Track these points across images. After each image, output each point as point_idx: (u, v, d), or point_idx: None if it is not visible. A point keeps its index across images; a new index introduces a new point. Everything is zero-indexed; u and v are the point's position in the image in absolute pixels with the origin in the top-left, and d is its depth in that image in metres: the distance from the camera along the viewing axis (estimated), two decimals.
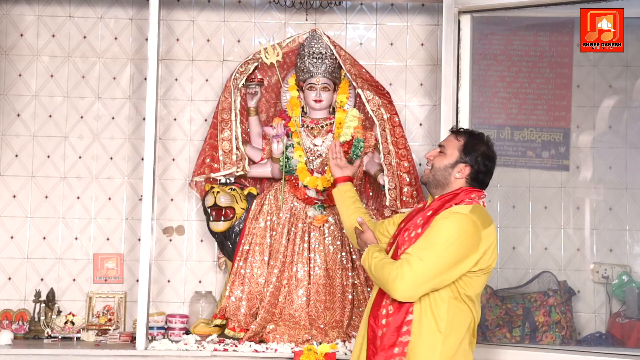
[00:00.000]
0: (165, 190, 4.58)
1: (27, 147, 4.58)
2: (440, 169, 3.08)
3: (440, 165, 3.08)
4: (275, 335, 4.06)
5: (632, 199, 4.47)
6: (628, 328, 4.15)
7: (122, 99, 4.63)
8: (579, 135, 4.57)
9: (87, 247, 4.55)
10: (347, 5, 4.67)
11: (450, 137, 3.15)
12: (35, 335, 4.25)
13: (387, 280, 2.90)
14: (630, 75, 4.53)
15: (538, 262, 4.49)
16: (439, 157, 3.10)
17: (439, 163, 3.09)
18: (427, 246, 2.88)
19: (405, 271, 2.85)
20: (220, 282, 4.53)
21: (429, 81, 4.63)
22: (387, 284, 2.90)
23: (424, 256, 2.86)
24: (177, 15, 4.67)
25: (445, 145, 3.12)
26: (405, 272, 2.85)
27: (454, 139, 3.12)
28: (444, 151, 3.10)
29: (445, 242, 2.87)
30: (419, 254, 2.88)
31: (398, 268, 2.88)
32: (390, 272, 2.89)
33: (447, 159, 3.08)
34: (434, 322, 2.91)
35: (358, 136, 4.28)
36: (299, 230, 4.22)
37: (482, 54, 4.50)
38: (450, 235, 2.88)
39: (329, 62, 4.30)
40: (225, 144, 4.35)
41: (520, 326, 4.21)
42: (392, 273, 2.88)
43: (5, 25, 4.62)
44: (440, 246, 2.87)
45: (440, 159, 3.09)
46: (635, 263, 4.41)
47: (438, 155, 3.11)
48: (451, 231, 2.89)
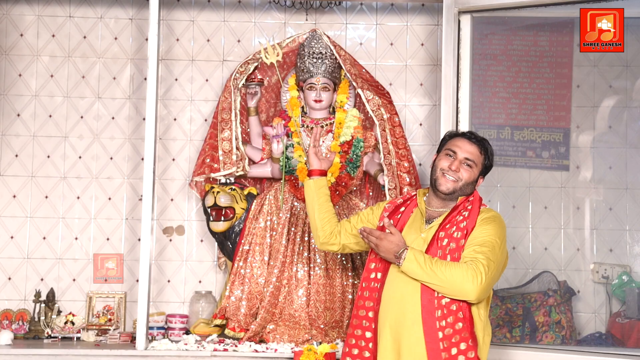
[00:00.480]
0: (165, 190, 4.58)
1: (27, 147, 4.58)
2: (469, 183, 3.13)
3: (469, 180, 3.13)
4: (275, 335, 4.06)
5: (632, 199, 4.47)
6: (628, 328, 4.15)
7: (122, 99, 4.63)
8: (579, 135, 4.57)
9: (87, 247, 4.56)
10: (347, 5, 4.67)
11: (476, 150, 3.15)
12: (35, 335, 4.25)
13: (461, 280, 2.88)
14: (630, 75, 4.54)
15: (538, 262, 4.49)
16: (466, 170, 3.13)
17: (468, 178, 3.13)
18: (492, 249, 2.96)
19: (482, 271, 2.89)
20: (220, 282, 4.53)
21: (429, 81, 4.63)
22: (462, 284, 2.89)
23: (492, 257, 2.95)
24: (177, 15, 4.67)
25: (475, 161, 3.14)
26: (482, 272, 2.89)
27: (479, 153, 3.16)
28: (472, 166, 3.13)
29: (501, 243, 3.02)
30: (487, 255, 2.94)
31: (474, 268, 2.90)
32: (465, 271, 2.89)
33: (475, 174, 3.15)
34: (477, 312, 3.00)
35: (358, 136, 4.28)
36: (299, 230, 4.22)
37: (482, 54, 4.50)
38: (502, 237, 3.04)
39: (329, 62, 4.30)
40: (225, 144, 4.35)
41: (520, 326, 4.21)
42: (469, 272, 2.89)
43: (5, 25, 4.62)
44: (500, 248, 3.00)
45: (469, 174, 3.13)
46: (635, 263, 4.42)
47: (465, 167, 3.12)
48: (501, 233, 3.04)
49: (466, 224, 3.03)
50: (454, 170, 3.11)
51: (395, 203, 3.27)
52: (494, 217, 3.07)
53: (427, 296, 2.95)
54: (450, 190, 3.11)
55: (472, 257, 2.93)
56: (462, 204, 3.10)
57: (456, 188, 3.11)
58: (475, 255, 2.93)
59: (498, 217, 3.10)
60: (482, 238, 2.98)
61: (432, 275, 2.91)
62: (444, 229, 3.05)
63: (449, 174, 3.12)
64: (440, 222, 3.09)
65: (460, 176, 3.11)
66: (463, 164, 3.12)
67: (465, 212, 3.07)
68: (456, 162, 3.12)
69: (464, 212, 3.07)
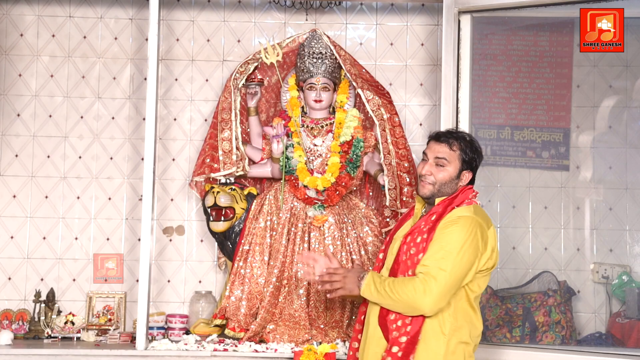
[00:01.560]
0: (165, 190, 4.58)
1: (27, 147, 4.58)
2: (446, 182, 3.05)
3: (445, 179, 3.05)
4: (275, 335, 4.06)
5: (632, 199, 4.47)
6: (628, 328, 4.15)
7: (122, 99, 4.63)
8: (579, 135, 4.57)
9: (87, 247, 4.55)
10: (347, 5, 4.67)
11: (444, 148, 3.07)
12: (35, 335, 4.25)
13: (412, 297, 2.84)
14: (630, 75, 4.54)
15: (538, 262, 4.49)
16: (439, 170, 3.05)
17: (442, 177, 3.05)
18: (445, 255, 2.88)
19: (432, 284, 2.83)
20: (220, 282, 4.53)
21: (429, 81, 4.63)
22: (414, 301, 2.85)
23: (444, 266, 2.86)
24: (177, 15, 4.67)
25: (447, 159, 3.05)
26: (431, 285, 2.83)
27: (449, 150, 3.06)
28: (444, 164, 3.05)
29: (460, 248, 2.89)
30: (438, 264, 2.86)
31: (423, 282, 2.84)
32: (415, 287, 2.84)
33: (450, 172, 3.05)
34: (438, 325, 2.91)
35: (358, 136, 4.28)
36: (299, 230, 4.22)
37: (482, 54, 4.50)
38: (463, 240, 2.90)
39: (329, 62, 4.30)
40: (225, 144, 4.35)
41: (520, 326, 4.21)
42: (418, 288, 2.84)
43: (5, 25, 4.62)
44: (457, 253, 2.88)
45: (443, 173, 3.05)
46: (635, 263, 4.41)
47: (436, 168, 3.05)
48: (463, 236, 2.90)
49: (428, 227, 2.97)
50: (426, 173, 3.06)
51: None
52: (458, 219, 2.95)
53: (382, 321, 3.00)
54: (428, 194, 3.06)
55: (423, 266, 2.88)
56: (439, 205, 3.03)
57: (433, 191, 3.05)
58: (427, 263, 2.88)
59: (464, 218, 2.95)
60: (438, 244, 2.91)
61: (386, 296, 2.91)
62: (412, 233, 3.01)
63: (424, 178, 3.06)
64: (413, 225, 3.06)
65: (433, 178, 3.05)
66: (433, 165, 3.05)
67: (434, 215, 3.00)
68: (427, 165, 3.07)
69: (433, 214, 3.01)
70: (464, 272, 2.91)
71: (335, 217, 4.24)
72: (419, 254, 2.94)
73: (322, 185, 4.19)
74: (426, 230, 2.98)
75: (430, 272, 2.85)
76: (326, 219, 4.22)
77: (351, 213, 4.30)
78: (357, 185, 4.37)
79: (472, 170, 3.10)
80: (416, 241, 2.98)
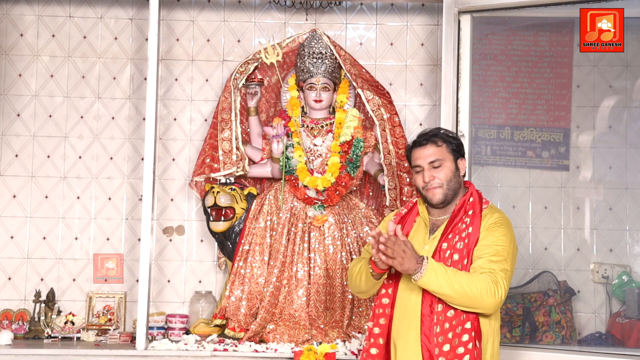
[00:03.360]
0: (165, 190, 4.58)
1: (27, 147, 4.58)
2: (450, 178, 3.00)
3: (449, 176, 2.99)
4: (275, 335, 4.06)
5: (632, 199, 4.47)
6: (628, 328, 4.15)
7: (122, 99, 4.64)
8: (579, 135, 4.57)
9: (87, 247, 4.56)
10: (347, 5, 4.67)
11: (432, 149, 3.01)
12: (35, 335, 4.25)
13: (481, 294, 2.78)
14: (630, 75, 4.54)
15: (538, 262, 4.49)
16: (439, 171, 3.00)
17: (446, 175, 2.99)
18: (504, 257, 2.87)
19: (502, 285, 2.81)
20: (220, 282, 4.53)
21: (429, 81, 4.63)
22: (481, 298, 2.79)
23: (509, 267, 2.87)
24: (177, 15, 4.67)
25: (440, 157, 3.01)
26: (500, 287, 2.80)
27: (436, 148, 3.01)
28: (440, 163, 3.00)
29: (512, 249, 2.91)
30: (504, 266, 2.85)
31: (495, 283, 2.80)
32: (487, 286, 2.79)
33: (450, 167, 3.01)
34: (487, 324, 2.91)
35: (358, 136, 4.28)
36: (299, 230, 4.22)
37: (482, 54, 4.50)
38: (510, 240, 2.92)
39: (329, 62, 4.30)
40: (225, 144, 4.35)
41: (520, 326, 4.21)
42: (490, 287, 2.79)
43: (5, 25, 4.62)
44: (511, 255, 2.90)
45: (444, 171, 2.99)
46: (635, 263, 4.42)
47: (436, 170, 3.00)
48: (510, 237, 2.93)
49: (469, 232, 2.91)
50: (430, 180, 2.99)
51: (400, 214, 3.15)
52: (500, 221, 2.95)
53: (426, 309, 2.88)
54: (442, 197, 2.99)
55: (489, 268, 2.83)
56: (462, 207, 2.99)
57: (445, 192, 2.99)
58: (492, 266, 2.83)
59: (504, 218, 2.98)
60: (494, 247, 2.87)
61: (448, 286, 2.79)
62: (447, 239, 2.94)
63: (430, 185, 3.00)
64: (442, 232, 2.98)
65: (438, 181, 2.99)
66: (432, 169, 3.00)
67: (467, 218, 2.95)
68: (426, 172, 3.00)
69: (466, 218, 2.95)
70: (513, 271, 2.94)
71: (335, 217, 4.24)
72: (463, 259, 2.89)
73: (322, 185, 4.20)
74: (466, 235, 2.92)
75: (498, 272, 2.83)
76: (326, 219, 4.22)
77: (351, 213, 4.30)
78: (357, 185, 4.37)
79: (463, 156, 3.07)
80: (456, 247, 2.91)
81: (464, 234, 2.92)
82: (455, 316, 2.85)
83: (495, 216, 2.96)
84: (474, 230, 2.91)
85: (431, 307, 2.88)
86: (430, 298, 2.88)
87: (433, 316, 2.87)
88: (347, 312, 4.13)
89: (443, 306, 2.86)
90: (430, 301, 2.88)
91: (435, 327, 2.86)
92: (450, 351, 2.82)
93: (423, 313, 2.88)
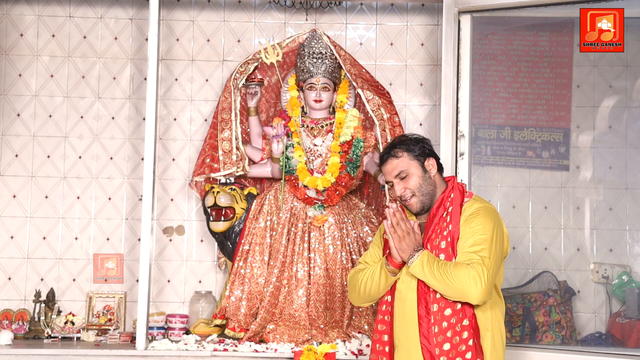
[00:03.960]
0: (165, 190, 4.58)
1: (27, 147, 4.58)
2: (421, 184, 2.98)
3: (417, 182, 2.97)
4: (275, 335, 4.06)
5: (632, 199, 4.47)
6: (628, 328, 4.15)
7: (122, 99, 4.64)
8: (579, 135, 4.58)
9: (87, 247, 4.56)
10: (347, 5, 4.67)
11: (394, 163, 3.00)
12: (35, 335, 4.25)
13: (466, 283, 2.77)
14: (630, 75, 4.54)
15: (538, 262, 4.49)
16: (407, 181, 2.98)
17: (415, 183, 2.97)
18: (484, 245, 2.83)
19: (483, 272, 2.77)
20: (220, 282, 4.53)
21: (429, 81, 4.63)
22: (466, 288, 2.77)
23: (488, 255, 2.82)
24: (177, 15, 4.67)
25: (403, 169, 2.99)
26: (483, 273, 2.77)
27: (397, 160, 3.00)
28: (406, 173, 2.98)
29: (492, 236, 2.86)
30: (483, 255, 2.81)
31: (476, 270, 2.77)
32: (469, 274, 2.77)
33: (417, 174, 2.99)
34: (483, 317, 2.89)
35: (358, 136, 4.28)
36: (299, 230, 4.22)
37: (482, 54, 4.50)
38: (492, 228, 2.87)
39: (329, 62, 4.30)
40: (225, 144, 4.35)
41: (520, 326, 4.21)
42: (472, 275, 2.77)
43: (5, 25, 4.62)
44: (492, 242, 2.85)
45: (412, 180, 2.98)
46: (635, 263, 4.42)
47: (404, 181, 2.98)
48: (490, 225, 2.88)
49: (450, 229, 2.91)
50: (401, 193, 2.99)
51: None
52: (478, 211, 2.92)
53: (422, 310, 2.88)
54: (420, 205, 2.98)
55: (468, 259, 2.81)
56: (440, 206, 2.97)
57: (421, 199, 2.98)
58: (471, 257, 2.81)
59: (484, 207, 2.93)
60: (472, 238, 2.86)
61: (434, 277, 2.81)
62: (430, 240, 2.94)
63: (404, 197, 2.99)
64: (424, 235, 2.97)
65: (410, 191, 2.98)
66: (400, 182, 2.98)
67: (447, 215, 2.94)
68: (396, 186, 2.99)
69: (446, 215, 2.94)
70: (500, 258, 2.90)
71: (335, 217, 4.24)
72: (451, 258, 2.88)
73: (322, 185, 4.20)
74: (447, 233, 2.92)
75: (478, 262, 2.80)
76: (326, 219, 4.23)
77: (351, 213, 4.30)
78: (357, 185, 4.37)
79: (430, 155, 3.03)
80: (440, 247, 2.91)
81: (445, 232, 2.92)
82: (452, 314, 2.85)
83: (474, 207, 2.94)
84: (454, 226, 2.91)
85: (427, 308, 2.88)
86: (425, 299, 2.89)
87: (430, 317, 2.87)
88: (347, 312, 4.13)
89: (439, 306, 2.87)
90: (425, 302, 2.89)
91: (433, 328, 2.86)
92: (451, 349, 2.83)
93: (420, 315, 2.89)
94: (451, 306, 2.85)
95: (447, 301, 2.86)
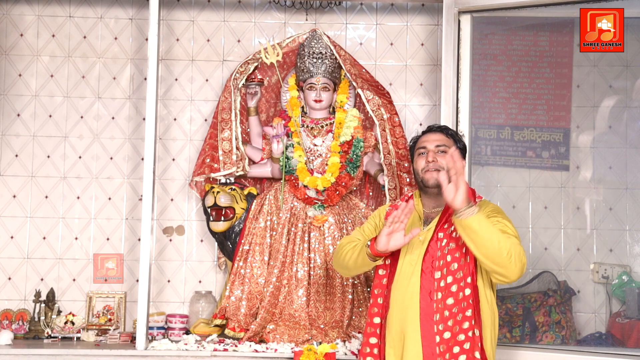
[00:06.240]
0: (165, 190, 4.58)
1: (27, 147, 4.58)
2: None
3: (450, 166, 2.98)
4: (275, 335, 4.06)
5: (632, 199, 4.47)
6: (628, 328, 4.16)
7: (122, 99, 4.64)
8: (579, 135, 4.57)
9: (87, 247, 4.56)
10: (347, 5, 4.67)
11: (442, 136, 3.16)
12: (35, 335, 4.25)
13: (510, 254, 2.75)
14: (630, 75, 4.54)
15: (538, 262, 4.49)
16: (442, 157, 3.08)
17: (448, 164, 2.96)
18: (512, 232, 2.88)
19: (524, 252, 2.81)
20: (220, 282, 4.53)
21: (429, 81, 4.63)
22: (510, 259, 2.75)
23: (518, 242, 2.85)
24: (177, 15, 4.67)
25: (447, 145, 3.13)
26: (524, 253, 2.81)
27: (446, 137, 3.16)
28: (445, 150, 3.09)
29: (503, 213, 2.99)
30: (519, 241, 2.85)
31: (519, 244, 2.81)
32: (517, 248, 2.77)
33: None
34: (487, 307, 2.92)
35: (358, 136, 4.28)
36: (299, 230, 4.22)
37: (482, 54, 4.50)
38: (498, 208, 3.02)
39: (329, 62, 4.31)
40: (225, 144, 4.35)
41: (520, 326, 4.21)
42: (519, 250, 2.78)
43: (5, 25, 4.62)
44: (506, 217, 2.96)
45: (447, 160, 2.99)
46: (635, 263, 4.42)
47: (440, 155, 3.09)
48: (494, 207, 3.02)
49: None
50: (432, 161, 3.08)
51: (397, 206, 3.16)
52: (497, 209, 3.04)
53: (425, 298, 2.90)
54: (435, 183, 3.05)
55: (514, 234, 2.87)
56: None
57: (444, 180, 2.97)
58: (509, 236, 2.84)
59: (499, 208, 3.08)
60: (499, 225, 2.88)
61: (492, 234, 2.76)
62: (442, 229, 2.99)
63: (430, 167, 3.08)
64: (437, 222, 3.03)
65: (440, 164, 3.06)
66: (438, 152, 3.10)
67: None
68: (430, 153, 3.10)
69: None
70: None
71: (335, 217, 4.24)
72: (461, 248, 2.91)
73: (322, 185, 4.20)
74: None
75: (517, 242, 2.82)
76: (326, 219, 4.23)
77: (351, 213, 4.31)
78: (357, 185, 4.37)
79: (464, 158, 3.16)
80: (452, 236, 2.95)
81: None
82: (455, 304, 2.87)
83: (491, 206, 3.04)
84: None
85: (430, 295, 2.89)
86: (429, 287, 2.90)
87: (432, 304, 2.88)
88: (347, 312, 4.13)
89: (442, 294, 2.88)
90: (428, 290, 2.90)
91: (434, 315, 2.87)
92: (451, 338, 2.85)
93: (422, 301, 2.90)
94: (453, 295, 2.86)
95: (449, 290, 2.87)
